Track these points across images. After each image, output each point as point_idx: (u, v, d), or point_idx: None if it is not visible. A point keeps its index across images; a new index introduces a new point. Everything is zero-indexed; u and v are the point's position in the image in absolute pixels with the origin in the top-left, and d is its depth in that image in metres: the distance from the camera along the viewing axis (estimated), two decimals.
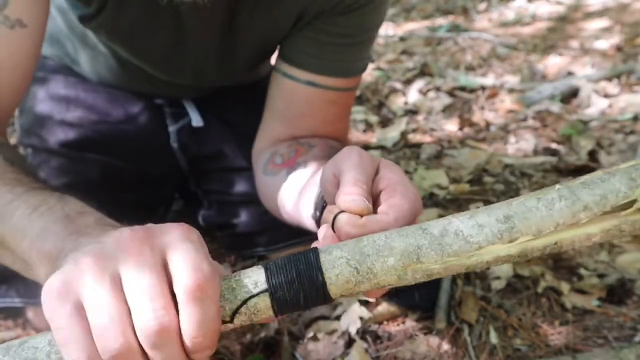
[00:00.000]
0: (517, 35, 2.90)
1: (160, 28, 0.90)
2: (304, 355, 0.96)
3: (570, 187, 0.48)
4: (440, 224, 0.48)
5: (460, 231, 0.47)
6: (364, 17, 0.88)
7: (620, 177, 0.47)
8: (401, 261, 0.47)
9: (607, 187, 0.47)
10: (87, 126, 1.08)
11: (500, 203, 0.49)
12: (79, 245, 0.48)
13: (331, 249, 0.49)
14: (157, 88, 1.09)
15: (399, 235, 0.48)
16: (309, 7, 0.86)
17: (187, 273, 0.44)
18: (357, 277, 0.48)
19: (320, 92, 0.91)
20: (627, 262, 1.16)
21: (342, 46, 0.90)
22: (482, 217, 0.48)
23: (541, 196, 0.48)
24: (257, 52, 1.00)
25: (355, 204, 0.53)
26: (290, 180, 0.82)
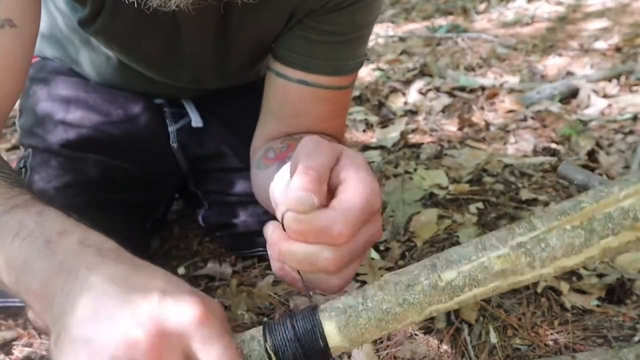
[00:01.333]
0: (516, 36, 2.90)
1: (156, 33, 0.91)
2: None
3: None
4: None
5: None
6: (354, 14, 0.88)
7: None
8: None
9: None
10: (88, 126, 1.08)
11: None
12: (69, 294, 0.46)
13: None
14: (157, 88, 1.09)
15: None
16: (300, 6, 0.86)
17: None
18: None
19: (313, 90, 0.91)
20: (627, 261, 1.16)
21: (333, 44, 0.89)
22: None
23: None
24: (252, 53, 1.00)
25: (297, 203, 0.50)
26: (280, 173, 0.82)
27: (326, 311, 0.48)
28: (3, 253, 0.52)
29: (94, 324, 0.44)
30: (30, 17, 0.75)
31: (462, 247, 0.50)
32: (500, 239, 0.49)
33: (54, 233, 0.51)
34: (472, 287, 0.48)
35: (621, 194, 0.49)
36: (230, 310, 1.06)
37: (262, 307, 1.08)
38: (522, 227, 0.49)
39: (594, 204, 0.49)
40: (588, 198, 0.49)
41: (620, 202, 0.49)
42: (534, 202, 1.39)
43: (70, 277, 0.47)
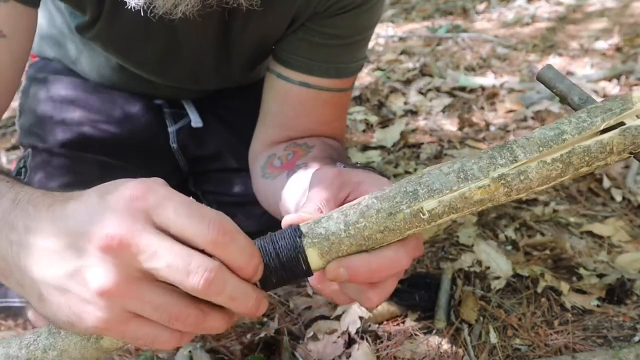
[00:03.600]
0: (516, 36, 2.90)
1: (154, 38, 0.91)
2: (304, 355, 0.96)
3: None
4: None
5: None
6: (357, 18, 0.88)
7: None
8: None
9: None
10: (88, 126, 1.08)
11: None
12: (17, 249, 0.46)
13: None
14: (156, 89, 1.09)
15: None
16: (303, 10, 0.86)
17: (199, 228, 0.44)
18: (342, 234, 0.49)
19: (314, 93, 0.91)
20: (627, 261, 1.17)
21: (336, 47, 0.90)
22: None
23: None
24: (253, 56, 1.00)
25: (292, 219, 0.53)
26: (291, 183, 0.82)
27: (309, 237, 0.49)
28: None
29: (55, 256, 0.44)
30: (21, 28, 0.76)
31: (444, 172, 0.50)
32: (482, 169, 0.49)
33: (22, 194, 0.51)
34: (450, 214, 0.49)
35: (602, 125, 0.49)
36: None
37: None
38: (504, 156, 0.49)
39: (576, 136, 0.49)
40: (570, 128, 0.50)
41: (600, 136, 0.49)
42: (534, 202, 1.39)
43: (11, 236, 0.47)
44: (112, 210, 0.43)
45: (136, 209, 0.43)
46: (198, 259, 0.43)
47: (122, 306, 0.43)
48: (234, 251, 0.45)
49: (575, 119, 0.50)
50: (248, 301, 0.45)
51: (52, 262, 0.44)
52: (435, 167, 0.51)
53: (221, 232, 0.44)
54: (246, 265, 0.45)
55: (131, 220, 0.43)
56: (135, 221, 0.43)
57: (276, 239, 0.49)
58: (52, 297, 0.45)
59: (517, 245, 1.23)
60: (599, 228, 1.28)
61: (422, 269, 1.15)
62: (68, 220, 0.44)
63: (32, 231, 0.46)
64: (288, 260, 0.49)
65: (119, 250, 0.42)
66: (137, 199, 0.44)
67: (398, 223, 0.49)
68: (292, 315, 1.04)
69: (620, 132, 0.49)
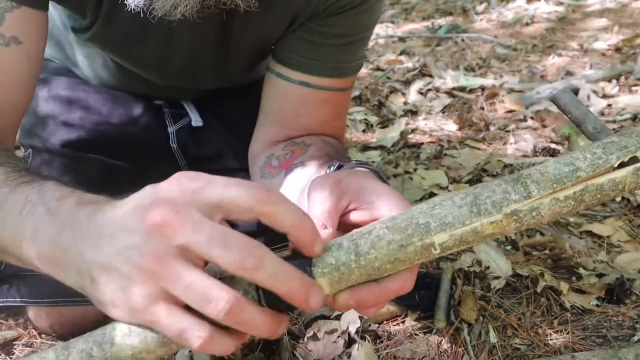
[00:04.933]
0: (516, 36, 2.90)
1: (152, 39, 0.91)
2: (304, 355, 0.96)
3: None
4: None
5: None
6: (357, 17, 0.88)
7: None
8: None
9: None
10: (88, 127, 1.09)
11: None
12: (80, 241, 0.49)
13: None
14: (156, 90, 1.09)
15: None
16: (302, 9, 0.86)
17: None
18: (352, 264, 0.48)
19: (314, 92, 0.91)
20: (626, 261, 1.17)
21: (336, 47, 0.90)
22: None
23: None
24: (253, 55, 1.00)
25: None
26: (288, 182, 0.82)
27: (319, 266, 0.49)
28: (14, 227, 0.55)
29: (111, 242, 0.46)
30: (35, 33, 0.77)
31: (457, 204, 0.49)
32: (495, 204, 0.49)
33: (53, 200, 0.54)
34: (460, 246, 0.49)
35: (617, 163, 0.49)
36: None
37: None
38: (518, 192, 0.49)
39: (590, 173, 0.49)
40: (585, 165, 0.49)
41: (614, 173, 0.49)
42: None
43: (75, 230, 0.50)
44: (160, 194, 0.46)
45: (182, 191, 0.46)
46: (236, 235, 0.45)
47: (157, 281, 0.44)
48: (286, 209, 0.46)
49: (590, 154, 0.50)
50: (292, 281, 0.45)
51: (107, 243, 0.46)
52: (448, 196, 0.50)
53: (269, 192, 0.46)
54: (299, 223, 0.47)
55: (176, 200, 0.45)
56: (181, 201, 0.45)
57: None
58: (102, 277, 0.47)
59: (516, 245, 1.23)
60: (598, 228, 1.28)
61: (422, 269, 1.15)
62: (124, 207, 0.48)
63: (93, 222, 0.49)
64: None
65: (163, 228, 0.44)
66: (184, 183, 0.46)
67: (409, 255, 0.49)
68: (292, 315, 1.05)
69: (633, 170, 0.50)
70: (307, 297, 0.46)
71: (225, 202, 0.46)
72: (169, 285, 0.44)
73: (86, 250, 0.48)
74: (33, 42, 0.77)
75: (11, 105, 0.78)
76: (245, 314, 0.45)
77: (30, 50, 0.77)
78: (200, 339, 0.45)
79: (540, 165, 0.50)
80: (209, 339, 0.45)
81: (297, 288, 0.45)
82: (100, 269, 0.47)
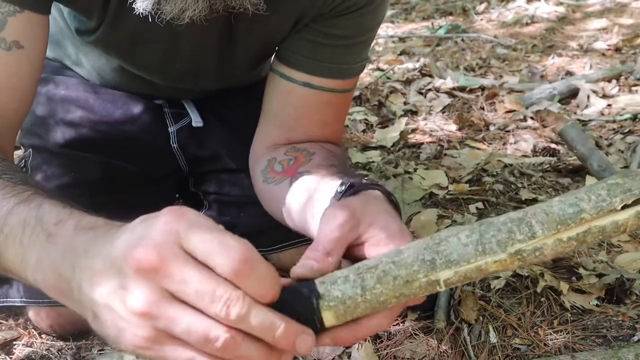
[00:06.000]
0: (516, 36, 2.90)
1: (157, 41, 0.91)
2: (304, 355, 0.96)
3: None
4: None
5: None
6: (361, 19, 0.88)
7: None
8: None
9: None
10: (88, 126, 1.09)
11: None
12: (79, 275, 0.49)
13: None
14: (157, 90, 1.09)
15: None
16: (307, 11, 0.86)
17: (220, 258, 0.45)
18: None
19: (317, 93, 0.91)
20: (626, 261, 1.17)
21: (340, 48, 0.90)
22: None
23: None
24: (257, 56, 1.00)
25: (301, 268, 0.54)
26: (294, 190, 0.82)
27: (325, 299, 0.50)
28: (17, 255, 0.56)
29: (103, 276, 0.47)
30: (36, 37, 0.77)
31: (462, 241, 0.50)
32: (500, 243, 0.50)
33: (51, 225, 0.54)
34: (464, 282, 0.51)
35: (621, 205, 0.50)
36: None
37: None
38: (523, 232, 0.50)
39: (594, 216, 0.50)
40: (589, 207, 0.50)
41: (616, 215, 0.50)
42: (534, 202, 1.39)
43: (74, 261, 0.50)
44: (146, 234, 0.46)
45: (168, 233, 0.45)
46: (222, 287, 0.45)
47: (156, 326, 0.45)
48: (253, 281, 0.46)
49: (595, 196, 0.51)
50: (275, 331, 0.46)
51: (101, 282, 0.47)
52: (454, 232, 0.51)
53: (241, 261, 0.45)
54: (266, 295, 0.46)
55: (162, 244, 0.45)
56: (166, 245, 0.45)
57: (292, 298, 0.50)
58: (102, 315, 0.47)
59: None
60: None
61: None
62: (114, 243, 0.47)
63: (89, 254, 0.49)
64: (303, 319, 0.49)
65: (151, 273, 0.44)
66: (170, 224, 0.46)
67: (414, 290, 0.50)
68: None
69: (636, 214, 0.50)
70: (294, 345, 0.47)
71: (199, 256, 0.46)
72: (166, 328, 0.45)
73: (84, 285, 0.48)
74: (35, 46, 0.77)
75: (12, 110, 0.78)
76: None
77: (32, 55, 0.77)
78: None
79: (546, 204, 0.51)
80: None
81: (283, 337, 0.46)
82: (98, 306, 0.47)
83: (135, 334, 0.45)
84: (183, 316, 0.45)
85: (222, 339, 0.44)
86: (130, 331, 0.46)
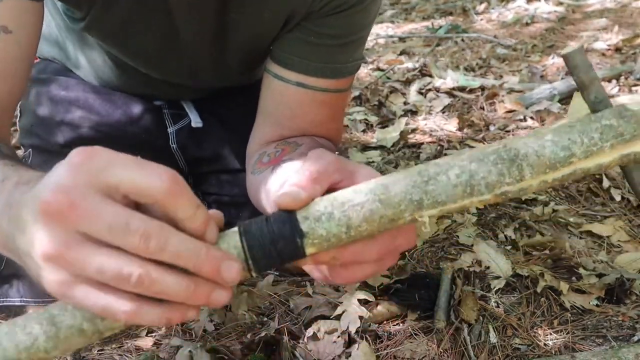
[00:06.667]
0: (516, 36, 2.90)
1: (151, 25, 0.91)
2: (304, 355, 0.96)
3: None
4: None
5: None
6: (353, 17, 0.88)
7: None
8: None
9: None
10: (88, 127, 1.09)
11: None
12: (15, 226, 0.48)
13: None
14: (155, 90, 1.09)
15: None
16: (298, 7, 0.87)
17: (151, 179, 0.44)
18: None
19: (311, 93, 0.91)
20: (626, 261, 1.17)
21: (332, 47, 0.90)
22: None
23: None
24: (249, 52, 1.00)
25: (285, 196, 0.50)
26: (274, 175, 0.82)
27: (309, 237, 0.49)
28: None
29: (27, 227, 0.46)
30: (27, 23, 0.77)
31: (452, 182, 0.49)
32: (489, 186, 0.49)
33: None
34: (442, 215, 0.51)
35: (610, 150, 0.50)
36: (231, 310, 1.06)
37: (262, 307, 1.08)
38: (513, 175, 0.49)
39: (582, 160, 0.50)
40: (580, 151, 0.50)
41: (602, 158, 0.50)
42: (534, 202, 1.39)
43: (10, 212, 0.50)
44: (55, 177, 0.45)
45: (78, 173, 0.44)
46: (137, 219, 0.43)
47: (64, 268, 0.44)
48: (185, 202, 0.45)
49: (587, 139, 0.50)
50: (198, 257, 0.45)
51: (23, 230, 0.46)
52: (443, 169, 0.50)
53: (174, 182, 0.45)
54: (193, 215, 0.46)
55: (70, 186, 0.44)
56: (75, 186, 0.44)
57: (275, 235, 0.49)
58: (28, 264, 0.47)
59: (516, 245, 1.23)
60: (598, 228, 1.28)
61: (422, 269, 1.15)
62: (33, 191, 0.47)
63: (18, 206, 0.48)
64: (286, 254, 0.49)
65: (59, 216, 0.43)
66: (80, 165, 0.44)
67: (397, 226, 0.50)
68: (292, 315, 1.05)
69: (620, 157, 0.51)
70: (218, 272, 0.45)
71: (123, 186, 0.44)
72: (80, 271, 0.44)
73: (16, 235, 0.48)
74: (24, 31, 0.76)
75: (3, 95, 0.77)
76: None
77: (22, 40, 0.76)
78: (124, 314, 0.45)
79: (539, 141, 0.50)
80: (135, 312, 0.45)
81: (206, 264, 0.45)
82: (25, 255, 0.47)
83: (49, 279, 0.45)
84: (94, 256, 0.43)
85: (136, 274, 0.43)
86: (45, 277, 0.45)
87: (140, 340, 1.03)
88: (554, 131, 0.51)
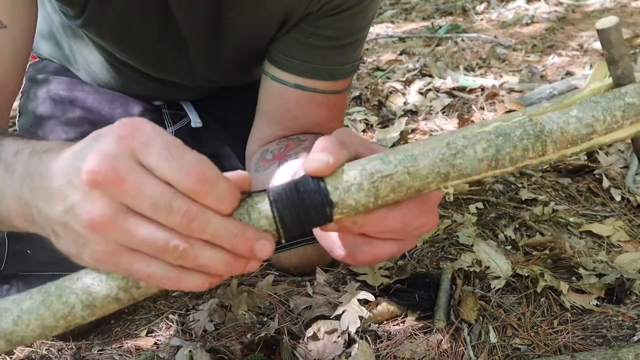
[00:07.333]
0: (516, 36, 2.90)
1: (147, 20, 0.91)
2: (304, 355, 0.96)
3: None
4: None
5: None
6: (351, 18, 0.88)
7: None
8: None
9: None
10: (87, 127, 1.09)
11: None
12: (36, 195, 0.48)
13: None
14: (153, 91, 1.09)
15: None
16: (295, 8, 0.86)
17: (178, 176, 0.44)
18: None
19: (309, 95, 0.92)
20: (626, 261, 1.17)
21: (330, 49, 0.90)
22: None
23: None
24: (245, 52, 1.00)
25: (313, 161, 0.49)
26: (281, 170, 0.82)
27: (339, 208, 0.50)
28: None
29: (58, 194, 0.46)
30: (21, 17, 0.77)
31: (478, 156, 0.50)
32: (513, 160, 0.50)
33: (10, 156, 0.55)
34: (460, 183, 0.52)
35: (629, 127, 0.51)
36: (231, 310, 1.06)
37: (262, 307, 1.08)
38: (536, 150, 0.50)
39: (602, 136, 0.51)
40: (602, 128, 0.51)
41: (619, 134, 0.51)
42: (534, 202, 1.39)
43: (31, 182, 0.50)
44: (100, 148, 0.45)
45: (123, 147, 0.44)
46: (179, 199, 0.44)
47: (111, 238, 0.45)
48: (212, 199, 0.45)
49: (610, 117, 0.51)
50: (235, 238, 0.46)
51: (56, 200, 0.46)
52: (471, 142, 0.50)
53: (199, 181, 0.44)
54: (224, 210, 0.46)
55: (117, 158, 0.44)
56: (121, 158, 0.44)
57: (305, 205, 0.49)
58: (60, 233, 0.47)
59: (516, 245, 1.23)
60: (598, 228, 1.28)
61: (422, 269, 1.15)
62: (68, 159, 0.47)
63: (43, 174, 0.48)
64: (314, 223, 0.50)
65: (104, 186, 0.43)
66: (124, 138, 0.45)
67: (421, 194, 0.51)
68: (292, 315, 1.04)
69: (636, 133, 0.51)
70: (253, 250, 0.47)
71: (157, 172, 0.45)
72: (124, 241, 0.45)
73: (41, 205, 0.48)
74: (19, 26, 0.76)
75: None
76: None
77: (16, 34, 0.76)
78: (169, 280, 0.46)
79: (564, 116, 0.51)
80: (177, 279, 0.46)
81: (241, 244, 0.46)
82: (57, 224, 0.47)
83: (94, 249, 0.45)
84: (140, 228, 0.44)
85: (181, 249, 0.44)
86: (89, 246, 0.45)
87: (140, 340, 1.03)
88: (579, 106, 0.52)
